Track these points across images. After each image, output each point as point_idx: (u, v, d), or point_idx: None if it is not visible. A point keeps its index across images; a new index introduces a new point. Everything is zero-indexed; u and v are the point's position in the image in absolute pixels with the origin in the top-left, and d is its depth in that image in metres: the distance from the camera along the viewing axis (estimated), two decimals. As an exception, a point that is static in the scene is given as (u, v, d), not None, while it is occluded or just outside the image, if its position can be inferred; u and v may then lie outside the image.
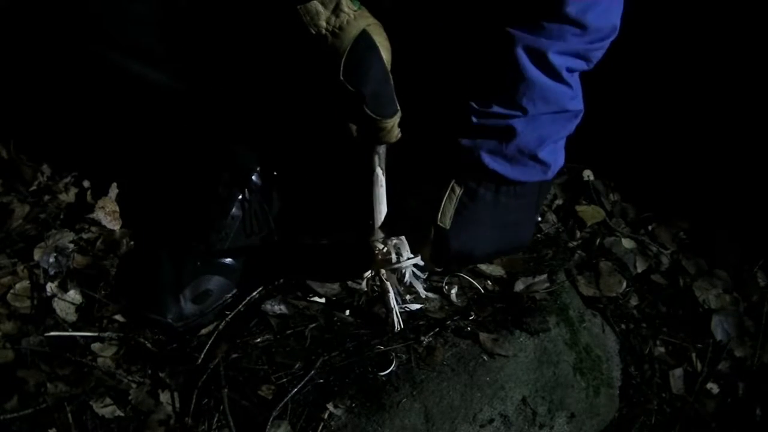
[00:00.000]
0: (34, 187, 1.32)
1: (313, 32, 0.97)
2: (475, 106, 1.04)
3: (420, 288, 1.10)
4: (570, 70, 1.03)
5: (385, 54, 1.01)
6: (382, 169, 1.08)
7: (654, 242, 1.38)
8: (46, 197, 1.30)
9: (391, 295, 1.07)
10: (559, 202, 1.42)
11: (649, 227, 1.41)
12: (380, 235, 1.08)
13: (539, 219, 1.30)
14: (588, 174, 1.46)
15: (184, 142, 1.22)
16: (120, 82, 1.12)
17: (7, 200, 1.28)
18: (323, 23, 0.97)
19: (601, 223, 1.38)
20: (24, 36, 1.36)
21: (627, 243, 1.35)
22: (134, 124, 1.27)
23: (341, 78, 0.98)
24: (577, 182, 1.45)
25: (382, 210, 1.09)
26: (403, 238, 1.07)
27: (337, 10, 0.96)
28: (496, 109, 1.03)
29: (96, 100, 1.31)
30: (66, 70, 1.31)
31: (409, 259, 1.06)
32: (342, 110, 1.03)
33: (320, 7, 0.96)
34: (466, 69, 1.07)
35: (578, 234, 1.35)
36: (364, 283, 1.09)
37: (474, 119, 1.04)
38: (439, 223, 1.10)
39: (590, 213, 1.39)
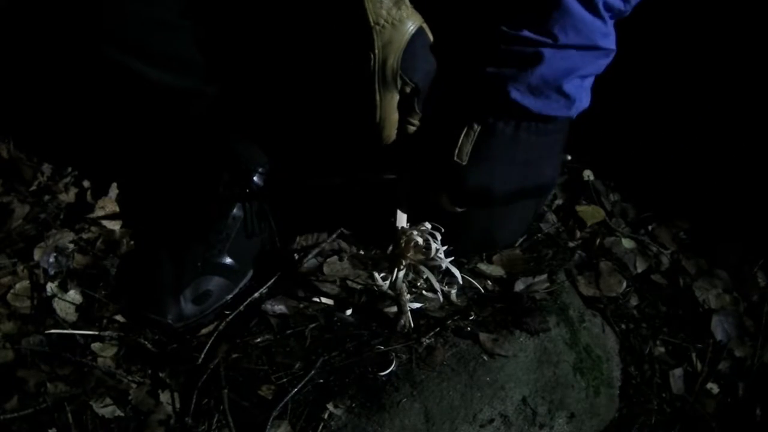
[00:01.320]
0: (34, 187, 1.32)
1: (372, 20, 0.98)
2: (504, 30, 1.01)
3: (458, 274, 1.06)
4: (607, 6, 1.00)
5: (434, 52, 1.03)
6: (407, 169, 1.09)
7: (654, 242, 1.38)
8: (46, 197, 1.30)
9: (406, 295, 1.07)
10: (559, 202, 1.42)
11: (649, 227, 1.41)
12: (403, 223, 1.07)
13: (568, 158, 1.25)
14: (588, 174, 1.46)
15: (184, 142, 1.22)
16: (121, 82, 1.12)
17: (7, 200, 1.28)
18: (384, 13, 0.98)
19: (601, 223, 1.38)
20: (24, 36, 1.36)
21: (627, 243, 1.35)
22: (135, 124, 1.27)
23: (399, 71, 0.99)
24: (577, 182, 1.45)
25: (403, 204, 1.09)
26: (435, 228, 1.06)
27: (399, 3, 0.98)
28: (525, 33, 1.00)
29: (96, 100, 1.31)
30: (66, 70, 1.31)
31: (441, 249, 1.04)
32: (388, 103, 1.04)
33: None
34: None
35: (578, 234, 1.35)
36: (389, 281, 1.06)
37: (502, 45, 1.01)
38: (455, 159, 1.06)
39: (590, 213, 1.39)
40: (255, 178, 1.19)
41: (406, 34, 0.99)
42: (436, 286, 1.05)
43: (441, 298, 1.09)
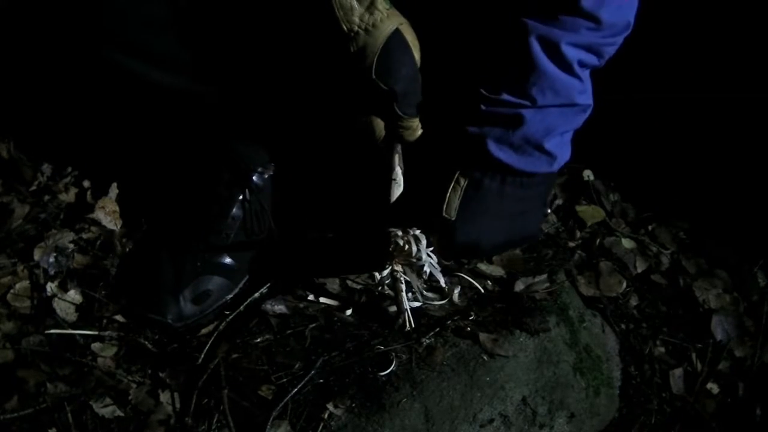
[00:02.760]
0: (34, 187, 1.32)
1: (346, 28, 0.98)
2: (484, 93, 1.03)
3: (441, 279, 1.09)
4: (581, 64, 1.03)
5: (416, 53, 1.02)
6: (401, 167, 1.09)
7: (654, 242, 1.38)
8: (46, 197, 1.30)
9: (404, 294, 1.07)
10: (559, 202, 1.42)
11: (649, 227, 1.41)
12: (397, 230, 1.08)
13: (548, 211, 1.29)
14: (588, 174, 1.46)
15: (184, 142, 1.22)
16: (122, 82, 1.12)
17: (7, 200, 1.28)
18: (356, 19, 0.97)
19: (601, 223, 1.38)
20: (24, 36, 1.36)
21: (627, 243, 1.35)
22: (135, 124, 1.27)
23: (373, 76, 0.99)
24: (577, 182, 1.45)
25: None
26: (420, 231, 1.07)
27: (371, 8, 0.97)
28: (505, 97, 1.03)
29: (96, 100, 1.31)
30: (66, 70, 1.31)
31: (427, 251, 1.06)
32: (369, 108, 1.04)
33: (355, 3, 0.97)
34: (477, 57, 1.06)
35: (578, 234, 1.35)
36: (378, 278, 1.09)
37: (483, 106, 1.04)
38: (444, 214, 1.08)
39: (590, 213, 1.39)
40: (255, 178, 1.19)
41: (379, 38, 0.98)
42: (419, 287, 1.07)
43: (430, 299, 1.11)
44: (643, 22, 1.06)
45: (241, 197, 1.19)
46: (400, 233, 1.07)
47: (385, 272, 1.08)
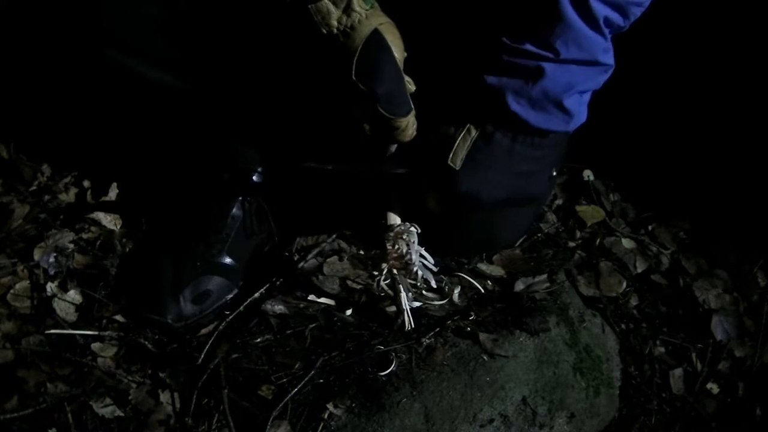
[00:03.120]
0: (34, 187, 1.32)
1: (325, 32, 0.97)
2: (507, 42, 1.02)
3: (432, 280, 1.09)
4: (607, 22, 1.01)
5: (398, 53, 1.00)
6: (395, 165, 1.08)
7: (654, 242, 1.38)
8: (46, 197, 1.30)
9: (403, 294, 1.07)
10: (559, 202, 1.42)
11: (649, 227, 1.41)
12: (394, 223, 1.08)
13: (555, 174, 1.28)
14: (588, 174, 1.46)
15: (184, 142, 1.22)
16: (122, 82, 1.12)
17: (7, 200, 1.28)
18: (334, 23, 0.97)
19: (601, 223, 1.38)
20: (24, 36, 1.36)
21: (627, 243, 1.35)
22: (135, 124, 1.27)
23: (353, 78, 0.98)
24: (577, 182, 1.45)
25: (395, 209, 1.09)
26: (414, 228, 1.06)
27: (348, 10, 0.96)
28: (528, 47, 1.01)
29: (96, 100, 1.31)
30: (66, 70, 1.31)
31: (419, 251, 1.06)
32: (355, 109, 1.03)
33: (331, 7, 0.96)
34: (500, 6, 1.04)
35: (578, 234, 1.35)
36: (375, 282, 1.09)
37: (504, 56, 1.02)
38: (449, 162, 1.07)
39: (590, 213, 1.39)
40: (255, 178, 1.19)
41: (357, 40, 0.97)
42: (407, 287, 1.07)
43: (422, 300, 1.11)
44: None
45: (241, 197, 1.19)
46: (392, 234, 1.07)
47: (381, 274, 1.08)
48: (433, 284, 1.10)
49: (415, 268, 1.07)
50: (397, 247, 1.06)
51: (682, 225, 1.43)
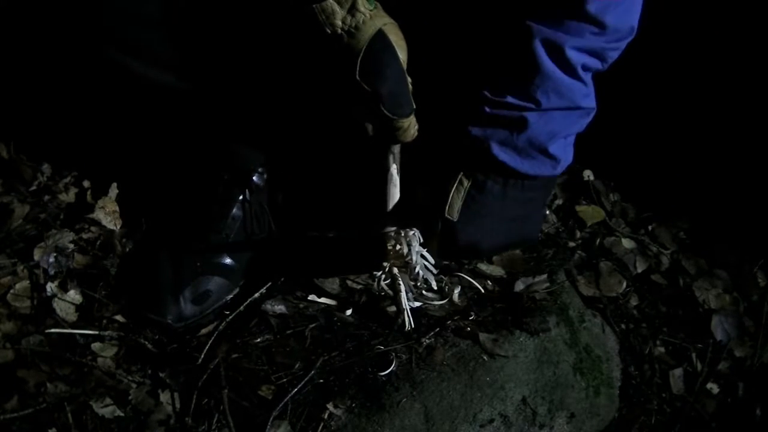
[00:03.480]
0: (34, 187, 1.32)
1: (329, 32, 0.97)
2: (488, 95, 1.04)
3: (432, 281, 1.10)
4: (585, 68, 1.03)
5: (402, 53, 1.01)
6: (396, 167, 1.09)
7: (654, 242, 1.38)
8: (46, 197, 1.30)
9: (403, 294, 1.07)
10: (559, 202, 1.42)
11: (649, 227, 1.41)
12: (392, 230, 1.08)
13: (546, 213, 1.29)
14: (588, 174, 1.46)
15: (184, 142, 1.22)
16: (122, 82, 1.12)
17: (7, 200, 1.28)
18: (339, 23, 0.97)
19: (601, 223, 1.38)
20: (24, 36, 1.36)
21: (627, 243, 1.35)
22: (135, 124, 1.27)
23: (357, 78, 0.98)
24: (577, 182, 1.45)
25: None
26: (415, 231, 1.07)
27: (353, 10, 0.96)
28: (509, 99, 1.03)
29: (96, 100, 1.31)
30: (66, 70, 1.31)
31: (420, 252, 1.06)
32: (358, 109, 1.03)
33: (336, 7, 0.96)
34: (481, 59, 1.06)
35: (578, 234, 1.35)
36: (375, 282, 1.09)
37: (486, 109, 1.04)
38: (446, 215, 1.09)
39: (590, 213, 1.39)
40: (255, 178, 1.19)
41: (361, 40, 0.97)
42: (409, 287, 1.07)
43: (422, 300, 1.11)
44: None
45: (241, 197, 1.19)
46: (393, 235, 1.07)
47: (382, 274, 1.09)
48: (434, 285, 1.11)
49: (417, 269, 1.07)
50: (398, 247, 1.07)
51: (682, 225, 1.43)
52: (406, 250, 1.06)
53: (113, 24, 1.06)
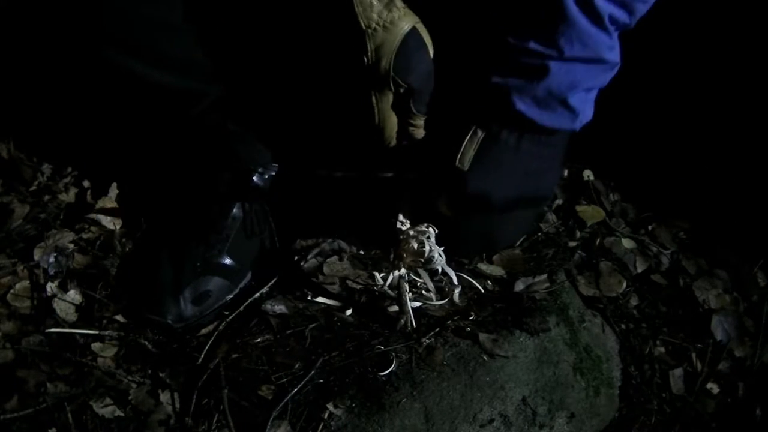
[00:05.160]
0: (34, 187, 1.32)
1: (364, 25, 0.98)
2: (511, 41, 1.02)
3: (454, 276, 1.09)
4: (612, 19, 1.00)
5: (431, 52, 1.02)
6: (404, 167, 1.09)
7: (654, 242, 1.38)
8: (46, 197, 1.30)
9: (408, 294, 1.07)
10: (559, 202, 1.42)
11: (649, 227, 1.41)
12: (405, 225, 1.08)
13: (565, 173, 1.26)
14: (588, 174, 1.46)
15: (184, 142, 1.22)
16: (122, 82, 1.12)
17: (7, 200, 1.28)
18: (375, 16, 0.98)
19: (601, 223, 1.38)
20: (24, 36, 1.36)
21: (627, 243, 1.35)
22: (135, 125, 1.27)
23: (392, 73, 0.99)
24: (577, 182, 1.45)
25: (405, 206, 1.09)
26: (431, 228, 1.06)
27: (390, 5, 0.98)
28: (532, 45, 1.01)
29: (97, 101, 1.31)
30: (67, 71, 1.31)
31: (438, 249, 1.06)
32: (384, 105, 1.04)
33: (374, 0, 0.97)
34: (504, 4, 1.04)
35: (578, 234, 1.35)
36: (389, 279, 1.09)
37: (508, 56, 1.02)
38: (457, 164, 1.07)
39: (590, 213, 1.39)
40: (255, 178, 1.19)
41: (398, 36, 0.99)
42: (431, 287, 1.07)
43: (434, 299, 1.11)
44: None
45: (241, 197, 1.19)
46: (411, 233, 1.07)
47: (397, 273, 1.08)
48: (455, 280, 1.10)
49: (438, 266, 1.06)
50: (413, 246, 1.06)
51: (682, 225, 1.43)
52: (427, 249, 1.05)
53: (114, 24, 1.06)
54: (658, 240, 1.39)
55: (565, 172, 1.21)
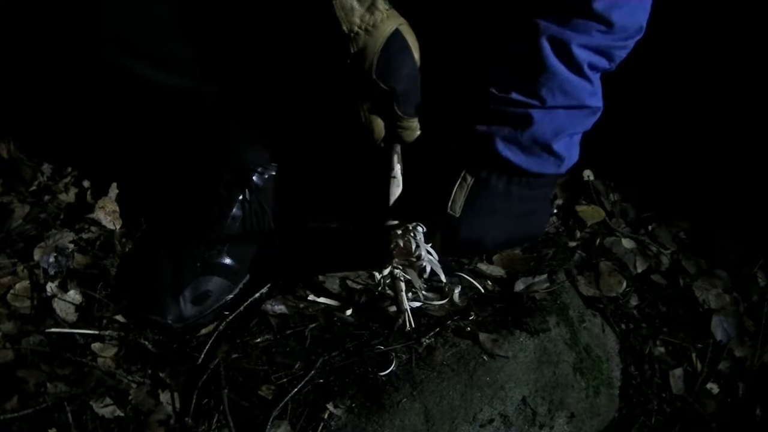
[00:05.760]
0: (34, 187, 1.32)
1: (346, 29, 0.98)
2: (494, 92, 1.04)
3: (442, 275, 1.10)
4: (592, 66, 1.03)
5: (416, 53, 1.02)
6: (399, 167, 1.09)
7: (654, 242, 1.38)
8: (46, 197, 1.30)
9: (404, 294, 1.07)
10: (559, 202, 1.42)
11: (649, 227, 1.41)
12: (395, 223, 1.08)
13: (553, 211, 1.28)
14: (588, 174, 1.46)
15: (185, 142, 1.22)
16: (122, 82, 1.12)
17: (7, 200, 1.28)
18: (357, 20, 0.97)
19: (601, 223, 1.38)
20: (24, 37, 1.36)
21: (627, 243, 1.35)
22: (135, 124, 1.27)
23: (374, 76, 0.99)
24: (577, 182, 1.45)
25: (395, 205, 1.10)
26: (420, 225, 1.07)
27: (372, 8, 0.97)
28: (514, 96, 1.03)
29: (96, 101, 1.31)
30: (66, 71, 1.31)
31: (427, 247, 1.07)
32: (369, 108, 1.04)
33: (355, 4, 0.97)
34: (487, 57, 1.07)
35: (578, 234, 1.35)
36: (378, 278, 1.09)
37: (492, 105, 1.04)
38: (449, 211, 1.10)
39: (590, 213, 1.39)
40: (255, 178, 1.19)
41: (379, 39, 0.98)
42: (417, 284, 1.07)
43: (422, 297, 1.11)
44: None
45: (241, 197, 1.19)
46: (399, 231, 1.07)
47: (385, 272, 1.09)
48: (443, 278, 1.11)
49: (424, 264, 1.07)
50: (402, 243, 1.06)
51: (682, 225, 1.43)
52: (413, 246, 1.06)
53: (114, 24, 1.06)
54: (658, 240, 1.39)
55: (555, 210, 1.24)
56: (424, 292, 1.13)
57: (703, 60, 1.47)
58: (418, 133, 1.08)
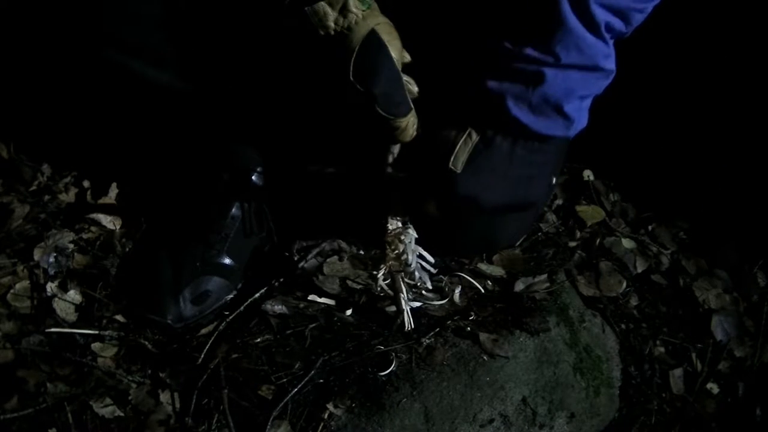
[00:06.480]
0: (34, 187, 1.32)
1: (322, 33, 0.97)
2: (507, 46, 1.02)
3: (428, 282, 1.09)
4: (609, 28, 1.01)
5: (396, 53, 1.00)
6: (396, 168, 1.09)
7: (654, 242, 1.38)
8: (46, 197, 1.30)
9: (403, 294, 1.07)
10: (559, 202, 1.42)
11: (649, 227, 1.41)
12: (393, 227, 1.08)
13: (555, 181, 1.28)
14: (588, 174, 1.46)
15: (184, 142, 1.22)
16: (121, 82, 1.12)
17: (7, 200, 1.28)
18: (331, 24, 0.97)
19: (601, 223, 1.38)
20: (24, 36, 1.36)
21: (627, 243, 1.35)
22: (135, 124, 1.27)
23: (351, 79, 0.98)
24: (577, 182, 1.45)
25: (396, 212, 1.09)
26: (411, 230, 1.07)
27: (344, 11, 0.96)
28: (528, 52, 1.01)
29: (96, 100, 1.31)
30: (66, 70, 1.31)
31: (416, 251, 1.06)
32: (354, 110, 1.03)
33: (328, 8, 0.96)
34: (501, 11, 1.05)
35: (578, 234, 1.35)
36: (375, 281, 1.09)
37: (504, 61, 1.03)
38: (450, 166, 1.07)
39: (590, 213, 1.39)
40: (254, 178, 1.19)
41: (354, 41, 0.97)
42: (404, 288, 1.07)
43: (422, 300, 1.11)
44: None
45: (240, 197, 1.19)
46: (392, 235, 1.07)
47: (380, 273, 1.09)
48: (429, 286, 1.11)
49: (411, 268, 1.07)
50: (394, 248, 1.07)
51: (682, 225, 1.43)
52: (401, 249, 1.06)
53: (114, 24, 1.06)
54: (658, 240, 1.39)
55: (554, 180, 1.22)
56: (424, 292, 1.13)
57: (702, 60, 1.47)
58: (413, 132, 1.06)
